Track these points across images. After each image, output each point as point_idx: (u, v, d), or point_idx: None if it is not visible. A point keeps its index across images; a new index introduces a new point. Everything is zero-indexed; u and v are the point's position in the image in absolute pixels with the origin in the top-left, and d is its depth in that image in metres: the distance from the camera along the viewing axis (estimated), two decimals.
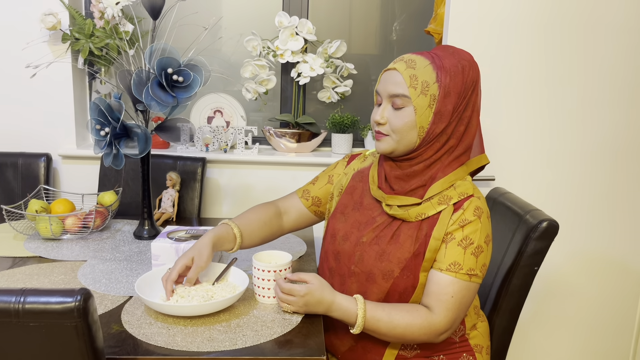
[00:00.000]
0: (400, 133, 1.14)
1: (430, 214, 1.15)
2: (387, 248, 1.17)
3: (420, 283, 1.15)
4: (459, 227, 1.13)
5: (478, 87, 1.16)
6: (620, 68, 1.88)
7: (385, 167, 1.22)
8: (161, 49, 1.46)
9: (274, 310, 1.19)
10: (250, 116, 2.23)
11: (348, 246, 1.23)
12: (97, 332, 0.88)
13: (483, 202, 1.16)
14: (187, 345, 1.03)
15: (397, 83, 1.13)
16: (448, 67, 1.12)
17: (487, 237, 1.14)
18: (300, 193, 1.39)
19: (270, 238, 1.36)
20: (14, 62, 1.95)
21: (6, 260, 1.44)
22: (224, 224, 1.29)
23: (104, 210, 1.67)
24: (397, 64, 1.14)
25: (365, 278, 1.19)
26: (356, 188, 1.30)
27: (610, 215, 1.98)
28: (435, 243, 1.13)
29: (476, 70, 1.15)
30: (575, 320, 2.07)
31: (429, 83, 1.11)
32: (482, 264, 1.13)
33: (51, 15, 1.86)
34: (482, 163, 1.21)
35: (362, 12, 2.19)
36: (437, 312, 1.11)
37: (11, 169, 1.95)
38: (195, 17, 2.07)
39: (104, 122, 1.47)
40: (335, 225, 1.29)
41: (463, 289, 1.12)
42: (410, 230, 1.16)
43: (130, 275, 1.36)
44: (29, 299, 0.82)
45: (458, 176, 1.16)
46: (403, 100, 1.13)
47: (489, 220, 1.16)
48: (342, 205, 1.30)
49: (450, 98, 1.12)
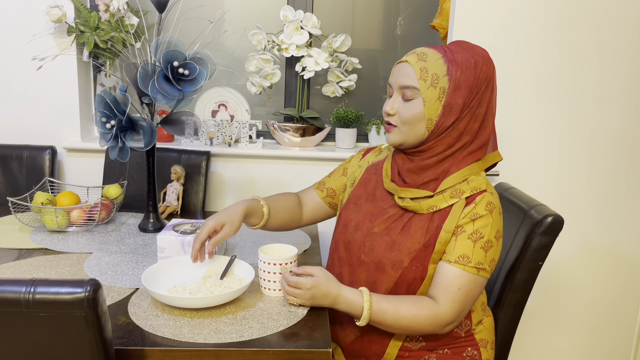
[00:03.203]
0: (408, 124, 1.15)
1: (442, 206, 1.15)
2: (398, 238, 1.18)
3: (429, 275, 1.16)
4: (470, 221, 1.13)
5: (492, 83, 1.16)
6: (629, 64, 1.88)
7: (398, 160, 1.23)
8: (167, 42, 1.46)
9: (280, 303, 1.19)
10: (255, 110, 2.23)
11: (359, 236, 1.24)
12: (106, 323, 0.89)
13: (496, 198, 1.17)
14: (193, 337, 1.04)
15: (408, 75, 1.14)
16: (460, 61, 1.13)
17: (497, 232, 1.15)
18: (316, 185, 1.44)
19: (289, 226, 1.40)
20: (20, 55, 1.96)
21: (12, 252, 1.44)
22: (254, 199, 1.33)
23: (109, 203, 1.67)
24: (409, 57, 1.16)
25: (375, 268, 1.20)
26: (370, 180, 1.31)
27: (616, 211, 1.98)
28: (445, 235, 1.14)
29: (491, 67, 1.15)
30: (579, 316, 2.08)
31: (439, 76, 1.12)
32: (491, 258, 1.14)
33: (56, 7, 1.86)
34: (496, 160, 1.22)
35: (366, 7, 2.18)
36: (443, 303, 1.12)
37: (16, 162, 1.96)
38: (200, 10, 2.08)
39: (110, 115, 1.47)
40: (347, 215, 1.30)
41: (470, 282, 1.13)
42: (421, 222, 1.17)
43: (136, 267, 1.37)
44: (39, 289, 0.83)
45: (472, 171, 1.17)
46: (412, 92, 1.14)
47: (500, 217, 1.16)
48: (355, 196, 1.32)
49: (461, 92, 1.12)
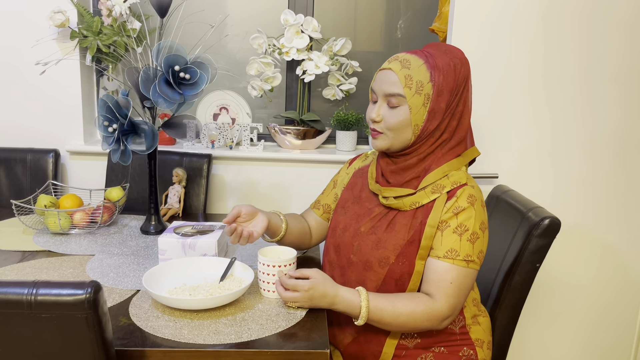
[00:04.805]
0: (395, 131, 1.18)
1: (424, 202, 1.19)
2: (383, 236, 1.21)
3: (417, 270, 1.18)
4: (453, 215, 1.16)
5: (469, 82, 1.20)
6: (624, 64, 1.89)
7: (382, 163, 1.27)
8: (168, 47, 1.48)
9: (279, 305, 1.21)
10: (256, 113, 2.24)
11: (347, 237, 1.28)
12: (107, 324, 0.90)
13: (477, 190, 1.19)
14: (193, 338, 1.05)
15: (393, 82, 1.17)
16: (441, 66, 1.16)
17: (482, 224, 1.17)
18: (312, 205, 1.47)
19: (295, 247, 1.41)
20: (23, 59, 1.98)
21: (16, 254, 1.46)
22: (276, 214, 1.36)
23: (112, 205, 1.69)
24: (392, 64, 1.18)
25: (363, 267, 1.23)
26: (356, 184, 1.35)
27: (614, 211, 1.99)
28: (430, 230, 1.17)
29: (467, 67, 1.19)
30: (578, 317, 2.08)
31: (423, 83, 1.15)
32: (478, 250, 1.16)
33: (60, 12, 1.88)
34: (475, 155, 1.25)
35: (367, 10, 2.20)
36: (437, 298, 1.14)
37: (20, 165, 1.98)
38: (201, 15, 2.09)
39: (112, 119, 1.49)
40: (336, 218, 1.34)
41: (461, 275, 1.15)
42: (405, 219, 1.20)
43: (138, 269, 1.39)
44: (41, 291, 0.84)
45: (453, 167, 1.20)
46: (398, 99, 1.16)
47: (483, 209, 1.19)
48: (343, 199, 1.36)
49: (444, 96, 1.16)
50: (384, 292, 1.20)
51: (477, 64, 1.87)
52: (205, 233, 1.39)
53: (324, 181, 2.07)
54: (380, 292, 1.20)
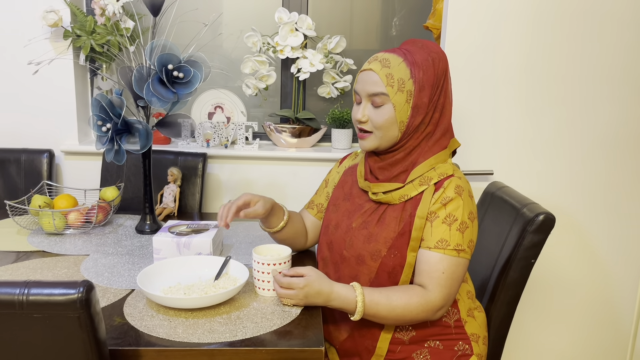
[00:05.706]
0: (382, 129, 1.20)
1: (413, 194, 1.21)
2: (374, 230, 1.23)
3: (408, 262, 1.19)
4: (442, 206, 1.18)
5: (448, 74, 1.22)
6: (619, 61, 1.89)
7: (369, 161, 1.29)
8: (162, 46, 1.47)
9: (274, 303, 1.20)
10: (251, 112, 2.24)
11: (339, 234, 1.29)
12: (100, 323, 0.90)
13: (464, 181, 1.21)
14: (188, 337, 1.05)
15: (375, 82, 1.19)
16: (420, 62, 1.18)
17: (470, 213, 1.19)
18: (306, 206, 1.49)
19: (295, 243, 1.44)
20: (16, 59, 1.97)
21: (10, 254, 1.46)
22: (282, 207, 1.39)
23: (106, 205, 1.69)
24: (372, 64, 1.20)
25: (355, 261, 1.24)
26: (346, 182, 1.38)
27: (609, 209, 1.99)
28: (419, 222, 1.18)
29: (445, 60, 1.21)
30: (573, 313, 2.09)
31: (404, 80, 1.17)
32: (468, 239, 1.18)
33: (53, 12, 1.87)
34: (456, 146, 1.27)
35: (362, 8, 2.20)
36: (430, 289, 1.16)
37: (14, 165, 1.97)
38: (195, 13, 2.09)
39: (106, 118, 1.48)
40: (328, 216, 1.36)
41: (453, 265, 1.16)
42: (395, 212, 1.22)
43: (132, 269, 1.38)
44: (33, 291, 0.84)
45: (439, 159, 1.23)
46: (382, 98, 1.19)
47: (471, 199, 1.21)
48: (335, 197, 1.38)
49: (425, 91, 1.18)
50: (377, 286, 1.21)
51: (471, 60, 1.87)
52: (200, 232, 1.39)
53: (319, 179, 2.07)
54: (373, 285, 1.21)
